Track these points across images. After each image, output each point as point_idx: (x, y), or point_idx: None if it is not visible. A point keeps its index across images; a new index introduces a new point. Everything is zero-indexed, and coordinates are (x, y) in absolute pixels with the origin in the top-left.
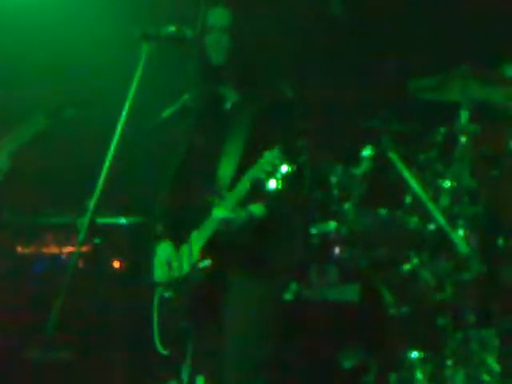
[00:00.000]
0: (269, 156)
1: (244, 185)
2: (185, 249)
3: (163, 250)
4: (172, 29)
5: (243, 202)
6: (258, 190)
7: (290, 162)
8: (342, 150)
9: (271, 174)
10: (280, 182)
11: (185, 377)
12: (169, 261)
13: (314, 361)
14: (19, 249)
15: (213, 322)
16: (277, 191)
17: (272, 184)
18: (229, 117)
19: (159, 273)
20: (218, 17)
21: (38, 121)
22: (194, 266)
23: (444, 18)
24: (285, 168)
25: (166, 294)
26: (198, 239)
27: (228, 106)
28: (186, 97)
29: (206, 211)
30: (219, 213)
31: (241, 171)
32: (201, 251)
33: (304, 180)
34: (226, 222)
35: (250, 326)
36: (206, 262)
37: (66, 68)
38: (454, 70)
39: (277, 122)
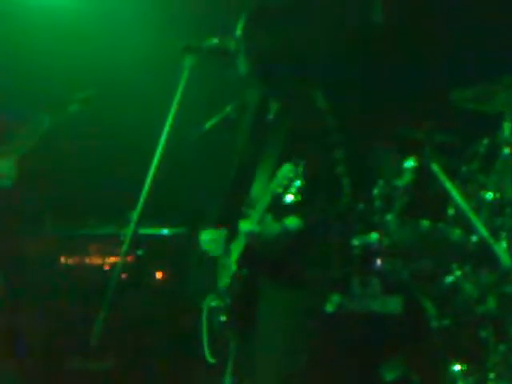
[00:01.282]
0: (284, 170)
1: (266, 199)
2: (227, 260)
3: (209, 234)
4: (215, 41)
5: (273, 215)
6: (277, 204)
7: (306, 175)
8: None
9: (287, 187)
10: (296, 195)
11: None
12: (215, 241)
13: (355, 373)
14: (62, 259)
15: (251, 332)
16: (295, 205)
17: (289, 198)
18: (269, 128)
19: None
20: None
21: (43, 121)
22: (232, 277)
23: (487, 28)
24: (298, 182)
25: (213, 304)
26: (234, 250)
27: (270, 116)
28: (229, 108)
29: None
30: (244, 226)
31: None
32: (237, 262)
33: (343, 190)
34: (251, 235)
35: (281, 337)
36: (242, 273)
37: (108, 82)
38: (497, 81)
39: (308, 134)
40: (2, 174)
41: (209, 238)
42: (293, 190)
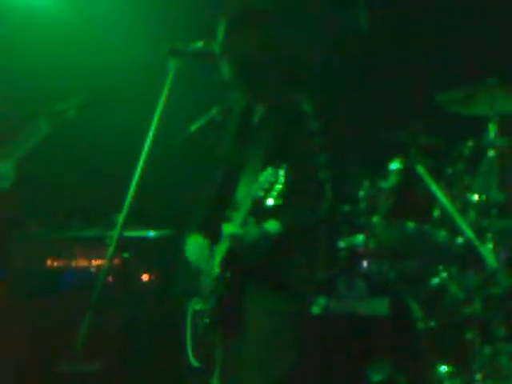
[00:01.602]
0: (266, 173)
1: (247, 202)
2: (210, 262)
3: (193, 243)
4: (200, 44)
5: (255, 219)
6: (258, 208)
7: (287, 179)
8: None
9: (269, 191)
10: (276, 199)
11: None
12: (199, 248)
13: (341, 375)
14: (49, 262)
15: (236, 335)
16: (275, 208)
17: (270, 201)
18: (254, 131)
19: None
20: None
21: (42, 125)
22: (215, 280)
23: (472, 31)
24: (279, 186)
25: (197, 307)
26: (218, 253)
27: (255, 120)
28: (214, 111)
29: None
30: (227, 229)
31: None
32: (220, 265)
33: (325, 195)
34: (234, 237)
35: (266, 340)
36: (226, 276)
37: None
38: (481, 83)
39: (292, 137)
40: (2, 176)
41: (193, 245)
42: (274, 193)
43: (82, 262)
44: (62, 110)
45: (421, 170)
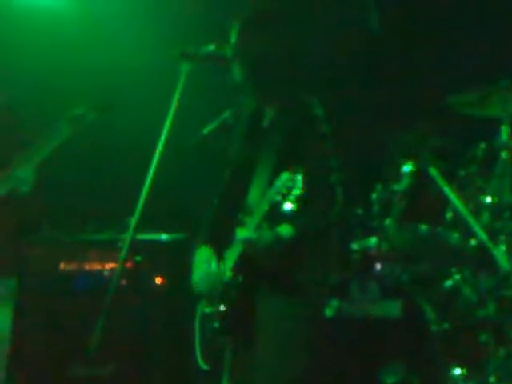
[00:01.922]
0: (283, 178)
1: (263, 206)
2: (221, 266)
3: (201, 255)
4: (211, 47)
5: (269, 223)
6: (275, 212)
7: (301, 185)
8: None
9: (286, 195)
10: (294, 204)
11: None
12: (207, 261)
13: (354, 377)
14: (62, 265)
15: (248, 338)
16: (292, 213)
17: (287, 206)
18: (265, 134)
19: (197, 277)
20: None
21: (63, 129)
22: (226, 284)
23: (485, 33)
24: (297, 190)
25: (207, 310)
26: (229, 257)
27: (265, 123)
28: (226, 114)
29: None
30: (241, 233)
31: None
32: (232, 269)
33: (336, 198)
34: (248, 242)
35: (279, 343)
36: (237, 280)
37: (105, 86)
38: (494, 85)
39: (303, 140)
40: (23, 180)
41: (202, 258)
42: (291, 198)
43: (95, 266)
44: (82, 114)
45: (434, 172)
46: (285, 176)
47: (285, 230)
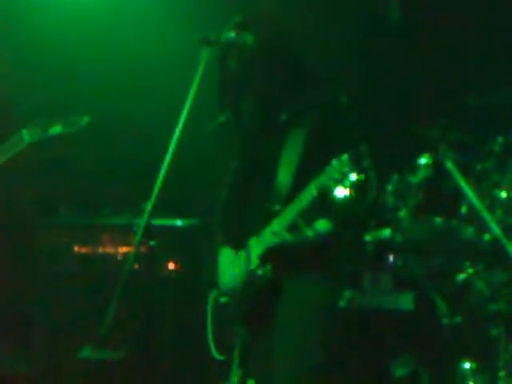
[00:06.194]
0: (337, 163)
1: (310, 192)
2: (243, 255)
3: (225, 257)
4: (232, 35)
5: (309, 212)
6: (324, 198)
7: (359, 170)
8: (399, 158)
9: (339, 181)
10: (349, 189)
11: (235, 380)
12: (231, 266)
13: (366, 369)
14: (76, 248)
15: (266, 328)
16: (344, 200)
17: (340, 192)
18: (285, 124)
19: (225, 279)
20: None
21: (24, 139)
22: (251, 273)
23: (502, 29)
24: (354, 176)
25: (222, 300)
26: (256, 246)
27: (284, 116)
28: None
29: (265, 219)
30: (276, 227)
31: (299, 180)
32: (259, 258)
33: (371, 187)
34: (283, 241)
35: (304, 331)
36: (265, 269)
37: (126, 69)
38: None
39: (335, 129)
40: None
41: (227, 260)
42: (346, 183)
43: (109, 249)
44: (45, 126)
45: (450, 165)
46: (341, 160)
47: (322, 225)
